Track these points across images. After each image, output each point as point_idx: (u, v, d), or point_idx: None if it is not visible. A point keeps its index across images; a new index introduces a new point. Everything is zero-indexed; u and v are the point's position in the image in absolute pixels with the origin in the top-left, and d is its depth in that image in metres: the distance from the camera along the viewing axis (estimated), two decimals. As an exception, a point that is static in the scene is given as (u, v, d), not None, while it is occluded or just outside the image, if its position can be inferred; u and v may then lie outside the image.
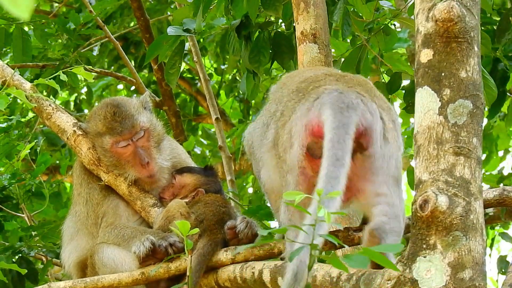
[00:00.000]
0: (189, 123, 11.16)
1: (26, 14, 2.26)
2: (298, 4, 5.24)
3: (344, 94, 4.08)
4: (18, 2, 2.24)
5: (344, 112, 3.98)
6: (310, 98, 4.16)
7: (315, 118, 4.07)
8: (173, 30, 6.06)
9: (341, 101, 4.03)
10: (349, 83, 4.24)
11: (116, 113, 5.09)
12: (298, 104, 4.19)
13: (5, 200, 7.02)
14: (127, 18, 9.92)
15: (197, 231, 4.41)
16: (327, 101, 4.04)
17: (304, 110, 4.13)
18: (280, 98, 4.42)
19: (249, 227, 4.73)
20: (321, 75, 4.35)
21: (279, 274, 4.39)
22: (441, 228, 3.77)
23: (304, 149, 4.10)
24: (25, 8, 2.25)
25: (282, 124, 4.23)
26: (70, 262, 5.18)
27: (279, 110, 4.33)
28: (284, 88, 4.47)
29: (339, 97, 4.05)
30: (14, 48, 7.28)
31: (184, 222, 4.26)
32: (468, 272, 3.75)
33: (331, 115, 3.98)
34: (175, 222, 4.87)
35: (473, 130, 3.89)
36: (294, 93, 4.28)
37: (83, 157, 5.23)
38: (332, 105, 4.01)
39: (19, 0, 2.25)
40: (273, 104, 4.47)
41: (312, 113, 4.09)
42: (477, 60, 3.95)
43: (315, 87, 4.21)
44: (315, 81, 4.29)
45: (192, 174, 5.23)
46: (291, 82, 4.46)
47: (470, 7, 3.93)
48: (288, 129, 4.17)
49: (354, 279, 3.99)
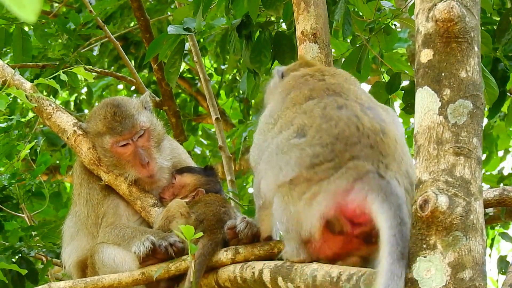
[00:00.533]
0: (189, 123, 11.16)
1: (33, 17, 2.24)
2: (298, 3, 5.24)
3: (388, 182, 3.98)
4: (24, 5, 2.22)
5: (396, 210, 3.87)
6: (348, 174, 4.02)
7: (358, 202, 3.97)
8: (173, 29, 6.05)
9: (390, 192, 3.93)
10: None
11: (116, 113, 5.10)
12: (333, 174, 4.04)
13: (5, 200, 7.01)
14: (127, 18, 9.92)
15: (200, 235, 4.42)
16: (374, 189, 3.94)
17: (342, 188, 4.01)
18: (293, 119, 4.29)
19: (249, 227, 4.72)
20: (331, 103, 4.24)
21: (279, 274, 4.39)
22: (441, 228, 3.77)
23: (324, 221, 4.06)
24: (32, 11, 2.23)
25: (305, 181, 4.10)
26: (70, 262, 5.18)
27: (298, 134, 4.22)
28: (296, 107, 4.34)
29: (386, 188, 3.94)
30: (14, 48, 7.27)
31: (189, 226, 4.26)
32: (468, 272, 3.75)
33: (388, 209, 3.87)
34: (175, 222, 4.89)
35: (473, 130, 3.89)
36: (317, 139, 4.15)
37: (83, 157, 5.23)
38: (382, 197, 3.91)
39: (26, 3, 2.23)
40: (285, 124, 4.33)
41: (354, 196, 3.98)
42: (477, 60, 3.94)
43: (351, 157, 4.05)
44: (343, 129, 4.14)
45: (192, 174, 5.23)
46: (300, 101, 4.35)
47: (470, 7, 3.93)
48: (314, 192, 4.07)
49: (354, 279, 3.99)
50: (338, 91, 4.34)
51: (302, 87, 4.45)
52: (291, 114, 4.34)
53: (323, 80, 4.47)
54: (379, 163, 4.06)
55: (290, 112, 4.35)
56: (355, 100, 4.31)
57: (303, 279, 4.24)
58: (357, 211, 4.01)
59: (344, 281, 4.06)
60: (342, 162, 4.06)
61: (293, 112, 4.33)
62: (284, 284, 4.35)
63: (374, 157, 4.07)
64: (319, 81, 4.47)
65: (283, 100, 4.48)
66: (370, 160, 4.06)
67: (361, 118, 4.17)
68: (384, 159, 4.08)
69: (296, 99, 4.40)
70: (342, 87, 4.41)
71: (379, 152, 4.09)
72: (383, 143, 4.14)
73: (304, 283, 4.24)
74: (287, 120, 4.33)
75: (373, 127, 4.15)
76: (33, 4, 2.24)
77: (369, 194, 3.96)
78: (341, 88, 4.40)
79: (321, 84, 4.44)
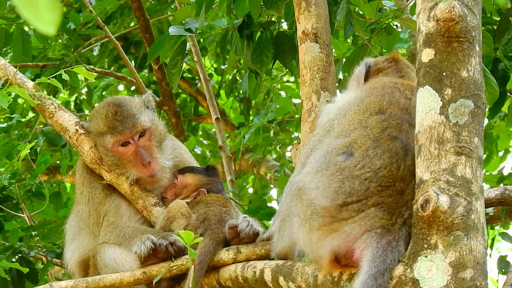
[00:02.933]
0: (189, 123, 11.16)
1: (52, 30, 2.18)
2: (299, 3, 5.24)
3: (389, 243, 3.98)
4: (42, 17, 2.17)
5: (376, 273, 3.91)
6: (363, 222, 4.03)
7: (357, 252, 4.02)
8: (175, 30, 6.04)
9: (381, 254, 3.95)
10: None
11: (118, 112, 5.10)
12: (353, 217, 4.04)
13: (5, 200, 7.01)
14: (127, 18, 9.92)
15: (201, 239, 4.42)
16: (370, 247, 3.99)
17: (353, 235, 4.03)
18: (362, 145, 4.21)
19: (250, 226, 4.72)
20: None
21: (280, 273, 4.39)
22: (442, 228, 3.78)
23: (333, 256, 4.08)
24: (51, 22, 2.19)
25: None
26: (72, 262, 5.18)
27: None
28: (364, 115, 4.28)
29: (383, 249, 3.96)
30: (14, 48, 7.27)
31: (188, 232, 4.25)
32: (469, 272, 3.75)
33: (372, 267, 3.93)
34: (176, 222, 4.89)
35: (474, 130, 3.89)
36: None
37: (85, 156, 5.23)
38: (374, 255, 3.95)
39: (44, 14, 2.18)
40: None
41: (357, 245, 4.02)
42: (478, 59, 3.94)
43: (376, 203, 4.06)
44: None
45: (194, 174, 5.23)
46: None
47: (472, 7, 3.93)
48: (333, 228, 4.07)
49: (355, 279, 3.99)
50: (413, 115, 4.17)
51: (384, 96, 4.32)
52: (356, 121, 4.26)
53: (409, 99, 4.32)
54: (399, 215, 4.04)
55: (357, 118, 4.26)
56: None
57: (304, 279, 4.25)
58: (355, 257, 4.04)
59: (345, 281, 4.07)
60: (367, 205, 4.05)
61: (358, 121, 4.25)
62: (286, 283, 4.35)
63: (397, 208, 4.04)
64: (404, 99, 4.32)
65: (361, 100, 4.36)
66: (391, 212, 4.03)
67: (408, 154, 4.11)
68: (408, 211, 4.04)
69: (370, 107, 4.28)
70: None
71: (405, 201, 4.05)
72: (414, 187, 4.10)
73: (305, 283, 4.24)
74: (348, 128, 4.27)
75: (414, 167, 4.07)
76: (52, 16, 2.18)
77: (365, 250, 3.98)
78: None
79: (404, 102, 4.30)
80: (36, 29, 2.09)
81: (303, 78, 5.19)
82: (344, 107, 4.41)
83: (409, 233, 3.99)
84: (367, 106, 4.30)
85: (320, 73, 5.15)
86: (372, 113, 4.26)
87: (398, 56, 4.81)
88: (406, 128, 4.19)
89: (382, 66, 4.74)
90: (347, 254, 4.03)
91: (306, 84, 5.16)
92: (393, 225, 4.00)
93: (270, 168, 10.61)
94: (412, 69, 4.74)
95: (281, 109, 10.50)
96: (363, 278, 3.88)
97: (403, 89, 4.38)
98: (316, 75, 5.15)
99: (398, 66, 4.73)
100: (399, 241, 3.96)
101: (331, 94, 5.12)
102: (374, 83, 4.53)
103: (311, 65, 5.17)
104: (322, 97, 5.11)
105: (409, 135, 4.17)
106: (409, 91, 4.36)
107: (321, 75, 5.15)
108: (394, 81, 4.49)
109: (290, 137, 10.58)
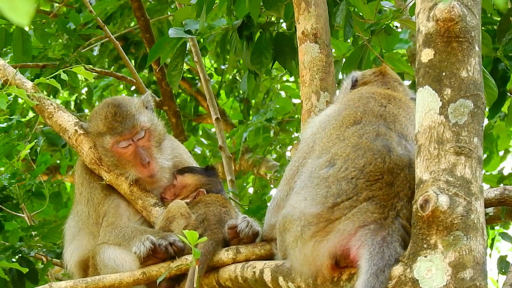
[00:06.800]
0: (189, 123, 11.16)
1: (26, 21, 2.19)
2: (299, 4, 5.24)
3: (384, 238, 3.99)
4: (17, 8, 2.18)
5: (376, 271, 3.91)
6: (356, 218, 4.04)
7: (354, 251, 4.02)
8: (175, 32, 6.04)
9: (379, 251, 3.95)
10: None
11: (117, 113, 5.10)
12: (346, 214, 4.06)
13: (5, 200, 7.01)
14: (127, 18, 9.91)
15: (204, 239, 4.42)
16: (366, 245, 3.99)
17: (347, 232, 4.04)
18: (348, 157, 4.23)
19: (250, 227, 4.72)
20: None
21: (280, 273, 4.40)
22: (442, 228, 3.78)
23: (333, 260, 4.07)
24: (25, 14, 2.19)
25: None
26: (72, 262, 5.18)
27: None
28: (340, 130, 4.32)
29: (379, 245, 3.96)
30: (14, 48, 7.27)
31: (193, 232, 4.25)
32: (469, 272, 3.75)
33: (372, 266, 3.93)
34: (176, 223, 4.89)
35: (474, 130, 3.89)
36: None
37: (85, 156, 5.23)
38: (371, 254, 3.96)
39: (19, 6, 2.18)
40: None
41: (353, 243, 4.02)
42: (478, 59, 3.95)
43: (367, 197, 4.08)
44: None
45: (193, 174, 5.24)
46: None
47: (471, 7, 3.93)
48: (327, 230, 4.08)
49: (355, 278, 3.99)
50: (389, 120, 4.26)
51: (358, 107, 4.37)
52: (334, 137, 4.29)
53: (384, 106, 4.39)
54: (391, 208, 4.04)
55: (335, 133, 4.30)
56: (398, 131, 4.25)
57: (303, 279, 4.25)
58: (352, 256, 4.03)
59: (345, 281, 4.07)
60: (358, 201, 4.06)
61: (336, 136, 4.29)
62: (285, 283, 4.35)
63: (389, 200, 4.05)
64: (379, 106, 4.39)
65: (339, 113, 4.41)
66: (383, 205, 4.04)
67: (392, 151, 4.14)
68: (399, 202, 4.06)
69: (345, 120, 4.33)
70: (396, 118, 4.34)
71: (396, 192, 4.07)
72: (406, 180, 4.11)
73: (305, 283, 4.24)
74: (327, 145, 4.30)
75: (400, 161, 4.11)
76: (26, 6, 2.18)
77: (361, 248, 3.98)
78: (394, 118, 4.33)
79: (379, 109, 4.36)
80: (10, 20, 2.09)
81: (302, 78, 5.19)
82: (324, 121, 4.47)
83: (403, 225, 4.00)
84: (343, 119, 4.35)
85: (320, 74, 5.16)
86: (348, 125, 4.31)
87: (386, 70, 4.88)
88: (383, 131, 4.23)
89: (369, 79, 4.79)
90: (344, 254, 4.03)
91: (306, 84, 5.16)
92: (385, 219, 4.00)
93: (270, 168, 10.62)
94: (400, 83, 4.82)
95: (281, 109, 10.51)
96: (364, 277, 3.87)
97: (380, 98, 4.44)
98: (315, 76, 5.15)
99: (384, 80, 4.79)
100: (393, 236, 3.96)
101: (331, 95, 5.13)
102: (352, 94, 4.60)
103: (311, 65, 5.17)
104: (321, 98, 5.12)
105: (388, 136, 4.20)
106: (385, 99, 4.43)
107: (321, 76, 5.16)
108: (372, 91, 4.54)
109: (290, 137, 10.59)
